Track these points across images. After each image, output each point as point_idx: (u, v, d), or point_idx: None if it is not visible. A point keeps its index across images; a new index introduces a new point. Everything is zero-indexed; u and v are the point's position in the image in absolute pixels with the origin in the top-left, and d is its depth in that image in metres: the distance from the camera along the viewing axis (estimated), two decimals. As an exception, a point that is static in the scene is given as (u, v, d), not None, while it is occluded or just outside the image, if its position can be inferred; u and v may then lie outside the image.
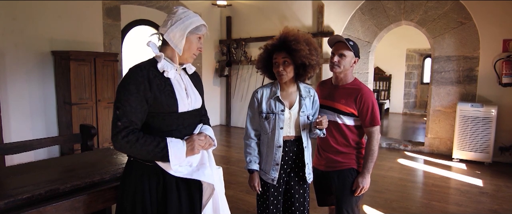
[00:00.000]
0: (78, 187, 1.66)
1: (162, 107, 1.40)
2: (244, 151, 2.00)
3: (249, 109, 2.02)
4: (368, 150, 1.96)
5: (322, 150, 2.08)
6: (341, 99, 1.97)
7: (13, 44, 4.35)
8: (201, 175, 1.43)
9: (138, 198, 1.41)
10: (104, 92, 4.96)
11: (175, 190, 1.44)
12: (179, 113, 1.45)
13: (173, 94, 1.44)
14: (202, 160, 1.48)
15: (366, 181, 1.95)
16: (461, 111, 4.80)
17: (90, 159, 2.19)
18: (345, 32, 5.98)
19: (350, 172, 2.00)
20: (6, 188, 1.58)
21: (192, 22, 1.45)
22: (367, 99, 1.92)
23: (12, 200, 1.44)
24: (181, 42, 1.44)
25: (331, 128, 2.00)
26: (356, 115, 1.96)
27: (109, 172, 1.85)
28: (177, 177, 1.42)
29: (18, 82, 4.44)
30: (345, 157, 2.00)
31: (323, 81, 2.22)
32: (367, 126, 1.96)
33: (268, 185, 1.94)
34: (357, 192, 1.96)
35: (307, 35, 1.87)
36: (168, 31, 1.43)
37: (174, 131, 1.45)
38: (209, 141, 1.51)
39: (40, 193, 1.52)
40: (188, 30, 1.44)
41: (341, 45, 1.96)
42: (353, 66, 2.02)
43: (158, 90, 1.40)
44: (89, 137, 2.66)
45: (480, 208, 3.29)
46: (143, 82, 1.38)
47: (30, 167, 2.05)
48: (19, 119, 4.50)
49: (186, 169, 1.43)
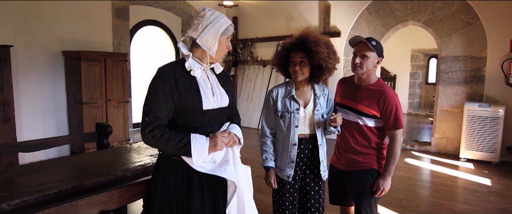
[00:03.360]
0: (102, 183, 1.71)
1: (187, 104, 1.45)
2: (260, 148, 2.04)
3: (264, 107, 2.06)
4: (390, 153, 1.94)
5: (342, 149, 2.07)
6: (363, 101, 1.94)
7: (25, 45, 4.42)
8: (223, 171, 1.47)
9: (165, 190, 1.48)
10: (113, 92, 5.02)
11: (198, 185, 1.49)
12: (203, 110, 1.49)
13: (198, 93, 1.48)
14: (226, 157, 1.52)
15: (387, 183, 1.95)
16: (469, 111, 4.82)
17: (106, 157, 2.24)
18: (352, 32, 6.01)
19: (370, 172, 1.99)
20: (31, 184, 1.63)
21: (221, 24, 1.50)
22: (390, 102, 1.89)
23: (40, 195, 1.49)
24: (214, 45, 1.49)
25: (352, 129, 2.00)
26: (379, 117, 1.93)
27: (129, 169, 1.90)
28: (201, 172, 1.46)
29: (29, 82, 4.51)
30: (365, 158, 1.99)
31: (344, 79, 2.20)
32: (390, 129, 1.93)
33: (284, 182, 1.98)
34: (377, 194, 1.95)
35: (327, 39, 1.91)
36: (200, 35, 1.48)
37: (199, 128, 1.50)
38: (233, 139, 1.55)
39: (67, 188, 1.57)
40: (219, 34, 1.49)
41: (363, 45, 1.90)
42: (377, 66, 1.96)
43: (183, 88, 1.46)
44: (105, 135, 2.72)
45: (489, 207, 3.31)
46: (169, 80, 1.45)
47: (50, 165, 2.11)
48: (31, 118, 4.57)
49: (209, 165, 1.47)
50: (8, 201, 1.40)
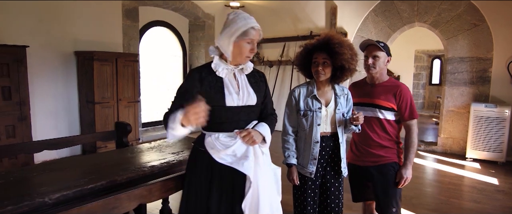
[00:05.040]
0: (132, 178, 1.78)
1: (211, 100, 1.52)
2: (282, 146, 2.10)
3: (286, 107, 2.13)
4: (409, 142, 2.07)
5: (361, 145, 2.16)
6: (380, 95, 2.08)
7: (39, 45, 4.49)
8: (240, 165, 1.55)
9: (193, 181, 1.59)
10: (124, 91, 5.09)
11: (219, 177, 1.59)
12: (227, 106, 1.58)
13: (222, 90, 1.58)
14: (246, 152, 1.58)
15: (409, 172, 2.05)
16: (475, 111, 4.89)
17: (130, 155, 2.30)
18: (358, 33, 6.08)
19: (392, 165, 2.09)
20: (67, 179, 1.70)
21: (237, 28, 1.54)
22: (405, 94, 2.05)
23: (78, 190, 1.56)
24: (228, 48, 1.56)
25: (372, 124, 2.10)
26: (396, 109, 2.07)
27: (156, 166, 1.98)
28: (222, 165, 1.56)
29: (43, 81, 4.58)
30: (387, 151, 2.10)
31: (354, 83, 2.33)
32: (406, 120, 2.07)
33: (306, 179, 2.04)
34: (401, 184, 2.05)
35: (349, 41, 2.00)
36: (218, 38, 1.59)
37: (224, 123, 1.59)
38: (252, 138, 1.58)
39: (102, 183, 1.64)
40: (233, 38, 1.54)
41: (373, 47, 2.07)
42: (387, 65, 2.13)
43: (208, 86, 1.57)
44: (125, 134, 2.78)
45: (497, 205, 3.38)
46: (194, 81, 1.58)
47: (77, 162, 2.18)
48: (44, 118, 4.63)
49: (230, 158, 1.56)
50: (49, 195, 1.47)
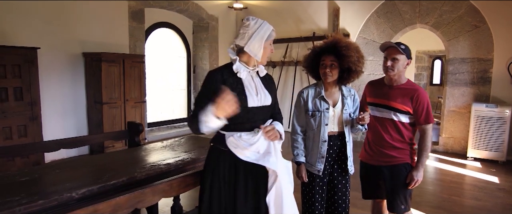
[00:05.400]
0: (150, 175, 1.87)
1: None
2: (291, 145, 2.19)
3: (295, 107, 2.22)
4: (423, 146, 2.09)
5: (374, 145, 2.21)
6: (397, 98, 2.09)
7: (48, 46, 4.57)
8: (266, 161, 1.65)
9: (215, 179, 1.67)
10: (131, 92, 5.19)
11: (243, 173, 1.68)
12: (248, 107, 1.66)
13: (244, 92, 1.67)
14: (268, 149, 1.69)
15: (420, 175, 2.09)
16: (476, 111, 4.98)
17: (144, 153, 2.40)
18: (361, 34, 6.17)
19: (404, 166, 2.13)
20: (90, 176, 1.79)
21: (265, 31, 1.68)
22: (423, 99, 2.06)
23: (102, 185, 1.65)
24: (260, 51, 1.68)
25: (386, 125, 2.13)
26: (411, 113, 2.08)
27: (171, 164, 2.07)
28: (246, 162, 1.65)
29: (52, 82, 4.67)
30: (400, 152, 2.12)
31: (372, 81, 2.36)
32: (421, 124, 2.08)
33: (314, 176, 2.14)
34: (411, 185, 2.10)
35: (356, 44, 2.08)
36: (248, 43, 1.66)
37: (245, 123, 1.68)
38: (275, 133, 1.71)
39: (123, 179, 1.74)
40: (263, 41, 1.67)
41: (393, 50, 2.07)
42: (406, 68, 2.12)
43: (231, 88, 1.63)
44: (137, 133, 2.87)
45: (498, 203, 3.47)
46: (217, 83, 1.64)
47: (94, 161, 2.27)
48: (52, 118, 4.72)
49: (254, 155, 1.65)
50: (76, 190, 1.56)
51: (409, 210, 2.21)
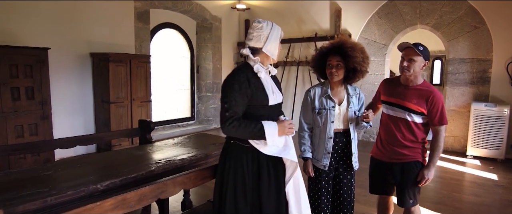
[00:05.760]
0: (167, 169, 1.99)
1: (257, 100, 1.76)
2: (298, 142, 2.30)
3: (302, 105, 2.33)
4: (435, 146, 2.13)
5: (386, 142, 2.28)
6: (412, 99, 2.12)
7: (56, 47, 4.66)
8: (287, 154, 1.80)
9: (239, 172, 1.78)
10: (138, 91, 5.29)
11: (266, 166, 1.80)
12: (269, 105, 1.79)
13: (264, 91, 1.79)
14: (286, 142, 1.82)
15: (431, 173, 2.14)
16: (475, 110, 5.09)
17: (157, 150, 2.50)
18: (362, 35, 6.28)
19: (415, 164, 2.18)
20: (113, 170, 1.90)
21: (278, 32, 1.83)
22: (438, 101, 2.09)
23: (124, 178, 1.76)
24: (276, 51, 1.83)
25: (400, 124, 2.19)
26: (426, 114, 2.12)
27: (186, 159, 2.18)
28: (267, 156, 1.77)
29: (61, 82, 4.77)
30: (411, 151, 2.18)
31: (388, 79, 2.42)
32: (435, 125, 2.12)
33: (320, 171, 2.24)
34: (422, 183, 2.15)
35: (361, 45, 2.18)
36: (265, 45, 1.79)
37: (263, 119, 1.78)
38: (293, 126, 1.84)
39: (142, 173, 1.85)
40: (278, 41, 1.81)
41: (410, 50, 2.08)
42: (423, 69, 2.15)
43: (254, 87, 1.77)
44: (148, 131, 2.98)
45: (497, 199, 3.58)
46: (245, 82, 1.75)
47: (112, 157, 2.37)
48: (61, 117, 4.82)
49: (275, 149, 1.78)
50: (101, 182, 1.67)
51: (417, 205, 2.28)
